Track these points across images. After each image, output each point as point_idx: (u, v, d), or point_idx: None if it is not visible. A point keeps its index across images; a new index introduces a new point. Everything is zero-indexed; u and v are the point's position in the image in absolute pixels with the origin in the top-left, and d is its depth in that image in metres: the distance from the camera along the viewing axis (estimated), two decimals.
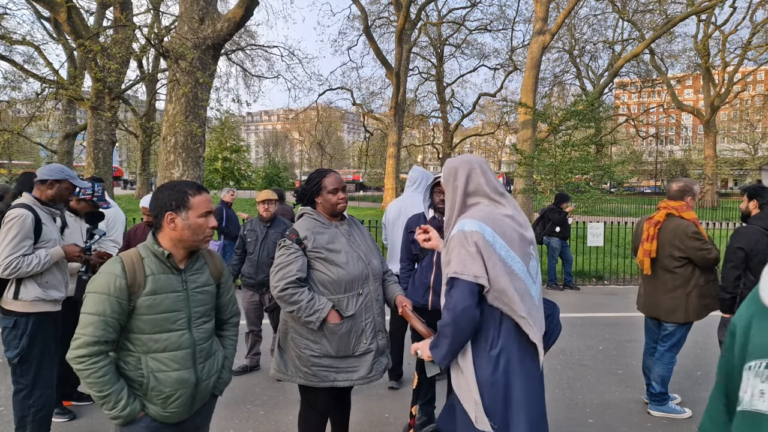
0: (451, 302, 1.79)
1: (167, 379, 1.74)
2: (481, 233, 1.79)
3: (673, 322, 3.48)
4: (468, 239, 1.79)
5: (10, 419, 2.91)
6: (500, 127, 35.23)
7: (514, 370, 1.80)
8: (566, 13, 15.81)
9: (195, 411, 1.88)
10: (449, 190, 1.97)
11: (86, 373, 1.62)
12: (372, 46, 21.68)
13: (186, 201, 1.75)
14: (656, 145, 53.49)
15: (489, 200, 1.92)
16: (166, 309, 1.73)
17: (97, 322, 1.63)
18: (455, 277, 1.79)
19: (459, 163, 1.98)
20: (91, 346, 1.62)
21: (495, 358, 1.80)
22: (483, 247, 1.78)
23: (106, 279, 1.66)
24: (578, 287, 8.09)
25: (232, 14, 7.45)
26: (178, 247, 1.77)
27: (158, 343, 1.73)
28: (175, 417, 1.79)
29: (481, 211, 1.87)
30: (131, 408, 1.68)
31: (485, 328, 1.82)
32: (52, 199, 2.88)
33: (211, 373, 1.88)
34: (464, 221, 1.85)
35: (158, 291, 1.72)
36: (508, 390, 1.79)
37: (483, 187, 1.92)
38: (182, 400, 1.77)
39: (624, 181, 28.42)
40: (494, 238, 1.80)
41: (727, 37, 25.76)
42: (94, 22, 12.29)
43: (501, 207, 1.91)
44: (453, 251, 1.82)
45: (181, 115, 7.35)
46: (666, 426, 3.43)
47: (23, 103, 12.97)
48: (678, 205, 3.51)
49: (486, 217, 1.84)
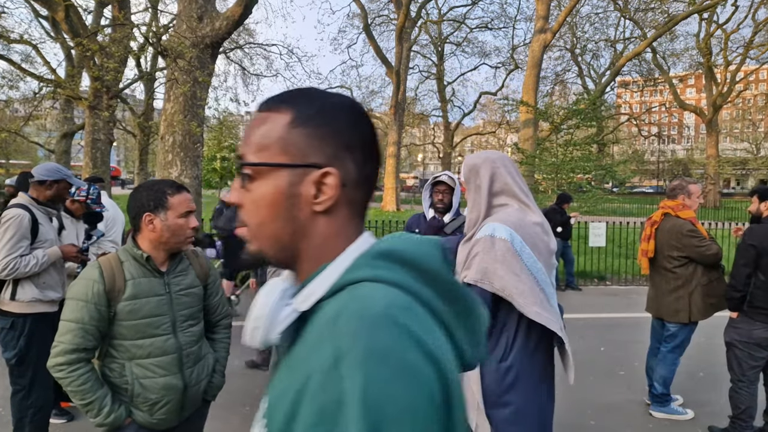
0: None
1: (153, 385, 1.68)
2: (511, 242, 1.70)
3: (677, 322, 3.44)
4: (495, 246, 1.70)
5: (8, 420, 2.88)
6: (501, 126, 35.18)
7: (522, 383, 1.73)
8: (568, 12, 15.76)
9: (186, 417, 1.82)
10: (471, 190, 1.86)
11: (66, 381, 1.58)
12: (372, 45, 21.64)
13: (164, 201, 1.68)
14: (658, 145, 53.42)
15: (518, 203, 1.82)
16: (148, 314, 1.67)
17: (75, 329, 1.58)
18: (473, 285, 1.71)
19: (481, 160, 1.86)
20: (70, 354, 1.57)
21: (505, 371, 1.73)
22: (510, 256, 1.69)
23: (83, 285, 1.62)
24: (580, 288, 8.04)
25: (231, 12, 7.41)
26: (159, 249, 1.71)
27: (142, 349, 1.67)
28: (163, 424, 1.73)
29: (511, 216, 1.77)
30: (116, 415, 1.63)
31: (499, 338, 1.75)
32: (51, 199, 2.86)
33: (201, 378, 1.82)
34: (494, 225, 1.74)
35: (139, 295, 1.66)
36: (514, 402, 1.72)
37: (511, 187, 1.82)
38: (170, 406, 1.72)
39: (626, 180, 28.36)
40: (522, 247, 1.71)
41: (729, 35, 25.69)
42: (92, 20, 12.25)
43: (530, 213, 1.82)
44: (476, 256, 1.74)
45: (179, 114, 7.31)
46: (668, 427, 3.39)
47: (21, 102, 12.94)
48: (674, 204, 3.49)
49: (517, 225, 1.74)
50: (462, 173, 1.93)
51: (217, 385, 1.93)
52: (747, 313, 3.04)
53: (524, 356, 1.75)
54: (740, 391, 3.11)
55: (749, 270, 2.99)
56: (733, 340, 3.12)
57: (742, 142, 49.34)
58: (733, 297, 3.08)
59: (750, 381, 3.10)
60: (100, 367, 1.71)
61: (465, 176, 1.90)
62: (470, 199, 1.87)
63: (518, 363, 1.73)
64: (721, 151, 35.99)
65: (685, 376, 4.26)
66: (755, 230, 3.05)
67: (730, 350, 3.16)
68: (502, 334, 1.76)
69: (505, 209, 1.81)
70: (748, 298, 3.02)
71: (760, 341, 3.02)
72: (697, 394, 3.91)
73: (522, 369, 1.74)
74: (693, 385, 4.10)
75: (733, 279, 3.08)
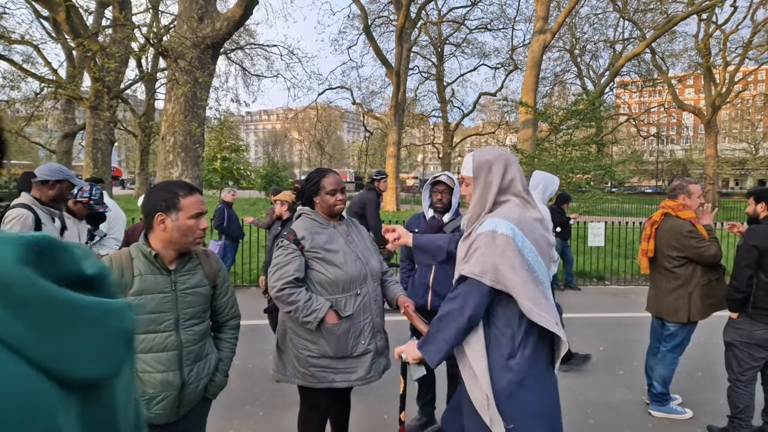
0: (462, 301, 1.74)
1: (151, 380, 1.71)
2: (513, 237, 1.71)
3: (676, 322, 3.46)
4: (496, 241, 1.72)
5: None
6: (501, 126, 35.20)
7: (532, 379, 1.75)
8: (567, 12, 15.78)
9: (184, 413, 1.84)
10: (479, 185, 1.85)
11: None
12: (372, 45, 21.66)
13: (176, 202, 1.72)
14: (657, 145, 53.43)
15: (520, 199, 1.83)
16: (152, 310, 1.71)
17: None
18: (471, 278, 1.74)
19: (495, 156, 1.85)
20: None
21: (513, 367, 1.74)
22: (510, 252, 1.70)
23: None
24: (579, 287, 8.07)
25: (232, 13, 7.43)
26: (168, 248, 1.75)
27: (143, 344, 1.71)
28: (160, 419, 1.76)
29: (512, 212, 1.78)
30: None
31: (504, 335, 1.76)
32: (53, 199, 2.88)
33: (201, 376, 1.84)
34: (496, 221, 1.75)
35: (144, 291, 1.70)
36: (525, 398, 1.74)
37: (517, 184, 1.83)
38: (167, 402, 1.75)
39: (625, 180, 28.38)
40: (524, 243, 1.73)
41: (728, 36, 25.73)
42: (93, 21, 12.28)
43: (531, 209, 1.83)
44: (477, 250, 1.75)
45: (180, 114, 7.33)
46: (667, 427, 3.41)
47: (22, 103, 12.96)
48: (674, 205, 3.51)
49: (519, 220, 1.76)
50: (470, 168, 1.90)
51: (218, 384, 1.95)
52: (749, 314, 3.04)
53: (530, 351, 1.76)
54: (738, 391, 3.13)
55: (751, 271, 2.99)
56: (734, 340, 3.12)
57: (741, 142, 49.38)
58: (735, 298, 3.08)
59: (748, 381, 3.12)
60: None
61: (475, 172, 1.87)
62: (476, 194, 1.86)
63: (526, 358, 1.75)
64: (720, 151, 36.02)
65: (684, 375, 4.28)
66: (757, 231, 3.04)
67: (730, 350, 3.17)
68: (506, 328, 1.77)
69: (506, 205, 1.82)
70: (751, 300, 3.02)
71: (761, 342, 3.02)
72: (696, 394, 3.93)
73: (529, 364, 1.75)
74: (692, 385, 4.12)
75: (735, 280, 3.07)
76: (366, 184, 6.42)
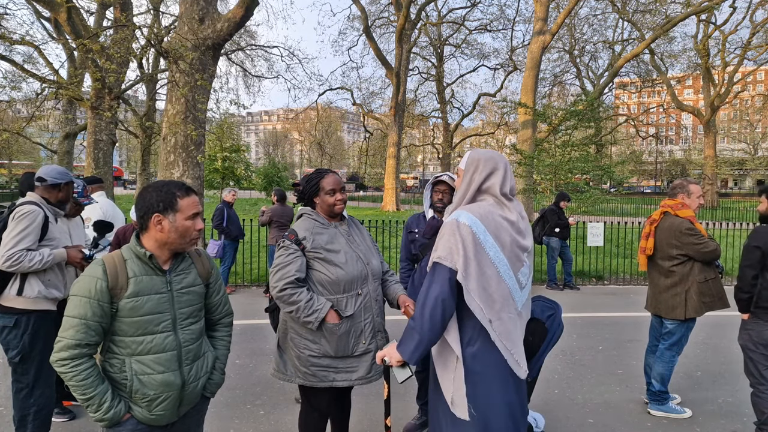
0: (425, 289, 1.79)
1: (151, 381, 1.71)
2: (473, 229, 1.79)
3: (673, 319, 3.49)
4: (460, 229, 1.79)
5: (11, 419, 2.91)
6: (500, 127, 35.26)
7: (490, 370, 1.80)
8: (566, 13, 15.82)
9: (184, 413, 1.86)
10: (465, 180, 1.94)
11: (69, 376, 1.61)
12: (372, 46, 21.69)
13: (174, 203, 1.71)
14: (656, 145, 53.48)
15: (495, 199, 1.91)
16: (149, 311, 1.70)
17: (78, 325, 1.61)
18: (437, 263, 1.80)
19: (485, 158, 1.94)
20: (72, 349, 1.60)
21: (472, 355, 1.80)
22: (471, 243, 1.77)
23: (87, 282, 1.64)
24: (578, 287, 8.10)
25: (232, 14, 7.46)
26: (163, 249, 1.74)
27: (142, 346, 1.70)
28: (161, 420, 1.77)
29: (480, 207, 1.86)
30: (115, 411, 1.67)
31: (465, 325, 1.82)
32: (61, 201, 2.93)
33: (200, 375, 1.85)
34: (461, 212, 1.84)
35: (141, 293, 1.69)
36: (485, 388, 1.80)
37: (495, 188, 1.91)
38: (168, 402, 1.75)
39: (624, 181, 28.42)
40: (485, 236, 1.79)
41: (726, 37, 25.79)
42: (94, 22, 12.29)
43: (504, 209, 1.89)
44: (443, 238, 1.83)
45: (180, 115, 7.36)
46: (666, 426, 3.43)
47: (23, 103, 12.96)
48: (674, 204, 3.56)
49: (483, 215, 1.83)
50: (464, 162, 2.00)
51: (216, 382, 1.97)
52: (755, 313, 3.04)
53: (479, 348, 1.81)
54: (762, 395, 3.03)
55: (755, 271, 3.00)
56: (747, 343, 3.10)
57: (740, 142, 49.44)
58: (741, 298, 3.08)
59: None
60: (101, 362, 1.74)
61: (465, 166, 1.98)
62: (461, 188, 1.96)
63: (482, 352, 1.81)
64: (719, 151, 36.07)
65: (683, 375, 4.30)
66: (760, 232, 3.05)
67: (745, 353, 3.14)
68: (468, 320, 1.82)
69: (480, 203, 1.91)
70: (755, 299, 3.02)
71: None
72: (695, 393, 3.95)
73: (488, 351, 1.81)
74: (691, 384, 4.14)
75: (739, 281, 3.08)
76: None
